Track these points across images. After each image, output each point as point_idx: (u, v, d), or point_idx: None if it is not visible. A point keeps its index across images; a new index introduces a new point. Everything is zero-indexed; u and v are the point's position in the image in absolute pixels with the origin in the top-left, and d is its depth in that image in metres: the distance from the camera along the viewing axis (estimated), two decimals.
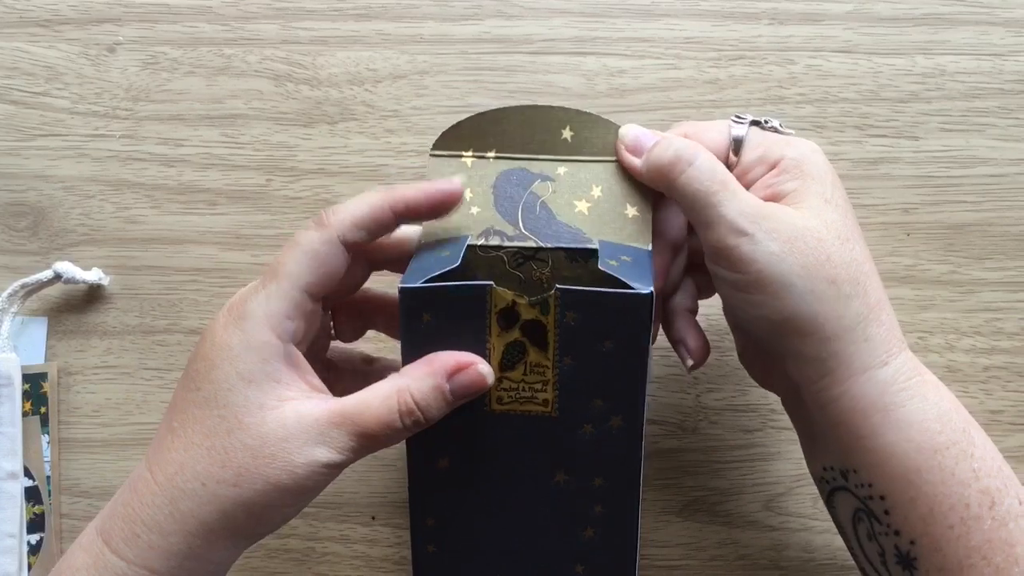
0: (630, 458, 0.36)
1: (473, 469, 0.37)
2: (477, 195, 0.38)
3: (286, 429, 0.33)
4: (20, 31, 0.51)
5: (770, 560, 0.49)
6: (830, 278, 0.34)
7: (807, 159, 0.36)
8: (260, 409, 0.33)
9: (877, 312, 0.35)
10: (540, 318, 0.35)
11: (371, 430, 0.33)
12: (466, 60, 0.51)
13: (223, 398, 0.33)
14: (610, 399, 0.35)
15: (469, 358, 0.34)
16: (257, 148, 0.51)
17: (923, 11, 0.51)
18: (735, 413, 0.49)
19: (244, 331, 0.33)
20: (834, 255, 0.34)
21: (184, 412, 0.34)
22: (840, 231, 0.35)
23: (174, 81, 0.51)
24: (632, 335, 0.34)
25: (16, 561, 0.48)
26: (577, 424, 0.36)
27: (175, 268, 0.50)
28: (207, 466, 0.33)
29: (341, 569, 0.49)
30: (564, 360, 0.35)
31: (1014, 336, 0.49)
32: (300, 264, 0.34)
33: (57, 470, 0.49)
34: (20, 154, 0.51)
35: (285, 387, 0.34)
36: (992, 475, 0.34)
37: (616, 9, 0.51)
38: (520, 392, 0.36)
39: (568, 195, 0.38)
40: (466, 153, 0.38)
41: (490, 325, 0.35)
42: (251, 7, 0.51)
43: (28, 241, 0.51)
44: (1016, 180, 0.50)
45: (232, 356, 0.33)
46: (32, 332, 0.50)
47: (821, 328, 0.35)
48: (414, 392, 0.34)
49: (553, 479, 0.37)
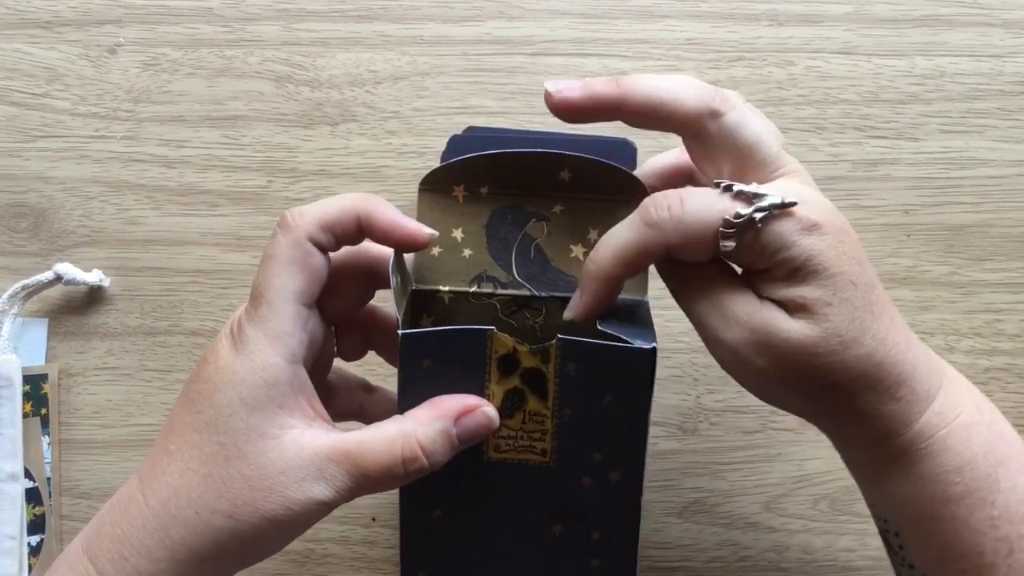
0: (628, 513, 0.36)
1: (468, 519, 0.36)
2: (469, 235, 0.37)
3: (285, 461, 0.32)
4: (21, 32, 0.51)
5: (770, 562, 0.49)
6: (829, 387, 0.32)
7: (806, 260, 0.31)
8: (261, 438, 0.32)
9: (895, 389, 0.32)
10: (540, 367, 0.34)
11: (371, 472, 0.32)
12: (467, 61, 0.51)
13: (224, 424, 0.32)
14: (610, 452, 0.35)
15: (475, 400, 0.34)
16: (258, 149, 0.51)
17: (922, 12, 0.51)
18: (735, 414, 0.49)
19: (248, 354, 0.32)
20: (833, 365, 0.31)
21: (182, 435, 0.33)
22: (844, 334, 0.31)
23: (175, 82, 0.51)
24: (633, 391, 0.34)
25: (16, 563, 0.48)
26: (575, 476, 0.35)
27: (176, 269, 0.50)
28: (202, 494, 0.32)
29: (341, 571, 0.49)
30: (564, 411, 0.34)
31: (1014, 338, 0.49)
32: (280, 276, 0.33)
33: (57, 471, 0.49)
34: (21, 155, 0.51)
35: (288, 413, 0.33)
36: (1016, 521, 0.33)
37: (617, 11, 0.51)
38: (518, 440, 0.35)
39: (564, 238, 0.37)
40: (458, 188, 0.36)
41: (490, 371, 0.34)
42: (252, 8, 0.51)
43: (29, 242, 0.51)
44: (1016, 181, 0.50)
45: (236, 380, 0.32)
46: (33, 333, 0.50)
47: (827, 423, 0.34)
48: (420, 438, 0.33)
49: (550, 531, 0.36)
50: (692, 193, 0.32)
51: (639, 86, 0.33)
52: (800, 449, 0.49)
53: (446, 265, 0.37)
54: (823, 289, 0.31)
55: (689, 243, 0.32)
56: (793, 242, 0.31)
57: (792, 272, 0.31)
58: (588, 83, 0.33)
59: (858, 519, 0.49)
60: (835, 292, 0.31)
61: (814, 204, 0.32)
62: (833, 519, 0.49)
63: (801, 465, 0.49)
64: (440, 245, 0.37)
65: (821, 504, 0.49)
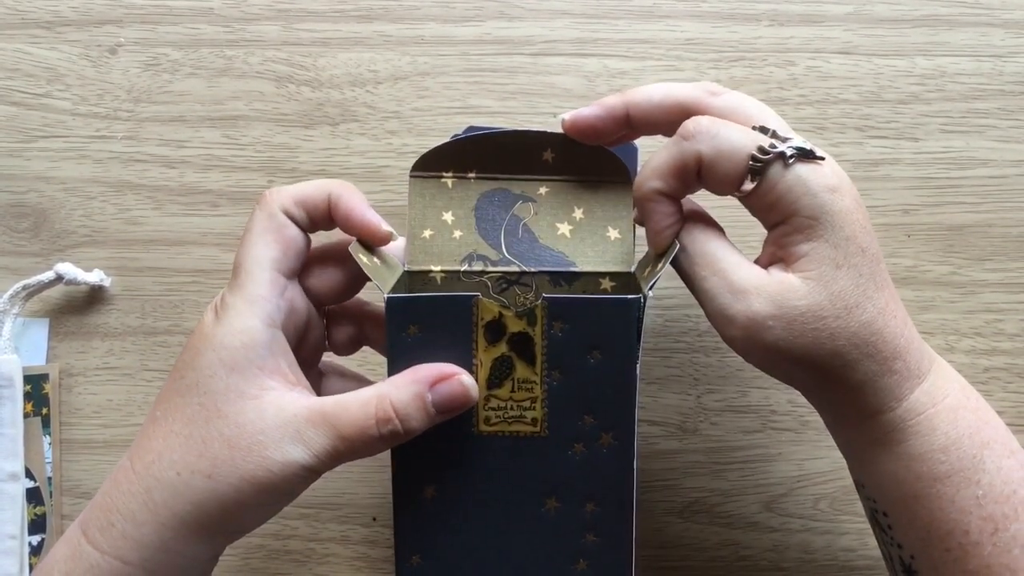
0: (622, 479, 0.36)
1: (461, 499, 0.36)
2: (459, 218, 0.38)
3: (264, 421, 0.32)
4: (21, 32, 0.51)
5: (770, 561, 0.49)
6: (833, 352, 0.33)
7: (824, 213, 0.32)
8: (240, 398, 0.33)
9: (891, 361, 0.33)
10: (527, 330, 0.34)
11: (347, 433, 0.33)
12: (467, 61, 0.51)
13: (204, 385, 0.33)
14: (600, 415, 0.35)
15: (452, 369, 0.34)
16: (258, 149, 0.51)
17: (923, 12, 0.51)
18: (735, 414, 0.49)
19: (227, 319, 0.33)
20: (838, 329, 0.33)
21: (168, 401, 0.34)
22: (849, 298, 0.33)
23: (175, 82, 0.51)
24: (620, 344, 0.34)
25: (17, 562, 0.48)
26: (567, 444, 0.36)
27: (176, 269, 0.50)
28: (183, 455, 0.33)
29: (342, 570, 0.49)
30: (552, 375, 0.35)
31: (1014, 337, 0.49)
32: (256, 246, 0.34)
33: (58, 471, 0.50)
34: (22, 155, 0.51)
35: (268, 375, 0.33)
36: (1000, 501, 0.33)
37: (617, 10, 0.51)
38: (508, 411, 0.35)
39: (550, 217, 0.38)
40: (447, 174, 0.38)
41: (477, 339, 0.35)
42: (252, 8, 0.51)
43: (29, 242, 0.51)
44: (1016, 181, 0.50)
45: (215, 344, 0.33)
46: (33, 333, 0.50)
47: (825, 395, 0.35)
48: (394, 400, 0.33)
49: (544, 506, 0.36)
50: (728, 121, 0.33)
51: (639, 89, 0.36)
52: (800, 449, 0.49)
53: (437, 247, 0.38)
54: (836, 250, 0.32)
55: (720, 160, 0.33)
56: (815, 192, 0.32)
57: (808, 224, 0.33)
58: (598, 105, 0.36)
59: (858, 519, 0.49)
60: (846, 255, 0.32)
61: (835, 167, 0.33)
62: (833, 519, 0.49)
63: (801, 465, 0.49)
64: (431, 228, 0.38)
65: (821, 504, 0.49)
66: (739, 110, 0.34)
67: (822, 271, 0.33)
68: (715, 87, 0.35)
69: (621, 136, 0.37)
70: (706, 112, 0.34)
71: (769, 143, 0.33)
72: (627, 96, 0.36)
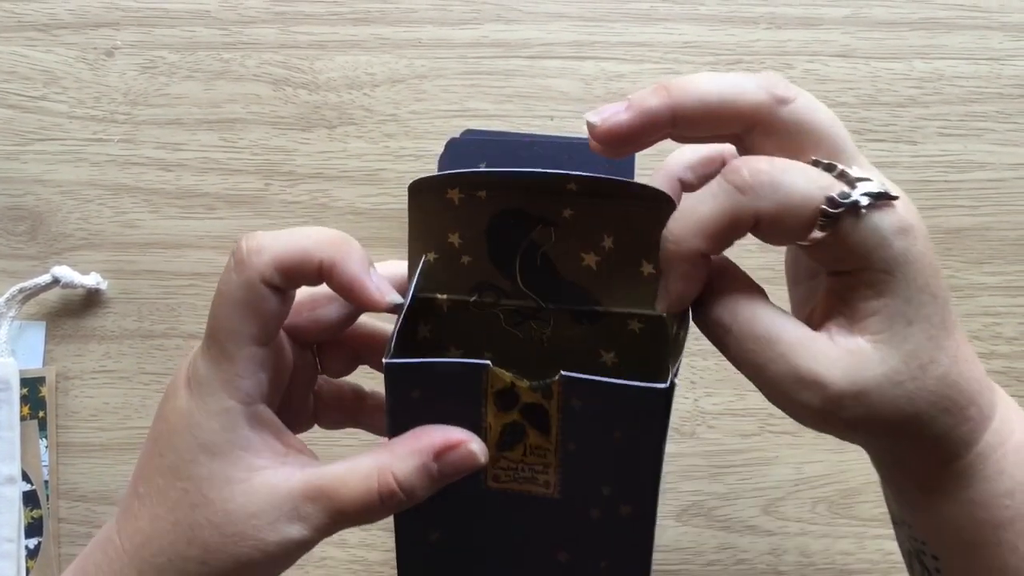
0: (640, 545, 0.33)
1: (466, 544, 0.34)
2: (468, 240, 0.32)
3: (256, 504, 0.30)
4: (18, 35, 0.51)
5: (768, 565, 0.49)
6: (911, 416, 0.29)
7: (898, 266, 0.28)
8: (227, 483, 0.30)
9: (966, 409, 0.30)
10: (542, 402, 0.31)
11: (347, 509, 0.30)
12: (464, 64, 0.51)
13: (185, 470, 0.31)
14: (619, 487, 0.32)
15: (459, 436, 0.31)
16: (255, 152, 0.51)
17: (921, 15, 0.51)
18: (733, 417, 0.49)
19: (202, 399, 0.31)
20: (915, 391, 0.29)
21: (149, 480, 0.32)
22: (923, 355, 0.29)
23: (172, 85, 0.51)
24: (645, 428, 0.30)
25: (14, 565, 0.48)
26: (583, 508, 0.32)
27: (173, 272, 0.50)
28: (173, 542, 0.31)
29: (339, 573, 0.49)
30: (568, 445, 0.31)
31: (1012, 340, 0.49)
32: (231, 319, 0.30)
33: (55, 474, 0.49)
34: (18, 158, 0.51)
35: (254, 454, 0.31)
36: None
37: (615, 13, 0.51)
38: (519, 472, 0.32)
39: (574, 244, 0.32)
40: (452, 191, 0.32)
41: (486, 405, 0.31)
42: (249, 11, 0.51)
43: (26, 245, 0.51)
44: (1014, 184, 0.50)
45: (192, 424, 0.31)
46: (30, 336, 0.50)
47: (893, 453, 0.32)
48: (396, 472, 0.31)
49: (554, 557, 0.34)
50: (789, 162, 0.28)
51: (691, 87, 0.29)
52: (798, 452, 0.49)
53: (443, 271, 0.33)
54: (909, 304, 0.28)
55: (784, 216, 0.27)
56: (889, 242, 0.28)
57: (881, 280, 0.28)
58: (634, 101, 0.29)
59: (856, 522, 0.49)
60: (918, 307, 0.28)
61: (906, 202, 0.29)
62: (831, 522, 0.49)
63: (799, 468, 0.49)
64: (435, 250, 0.33)
65: (819, 507, 0.49)
66: (808, 128, 0.29)
67: (894, 331, 0.28)
68: (782, 87, 0.29)
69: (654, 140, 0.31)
70: (771, 127, 0.29)
71: (840, 191, 0.27)
72: (673, 96, 0.29)
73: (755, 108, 0.29)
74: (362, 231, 0.50)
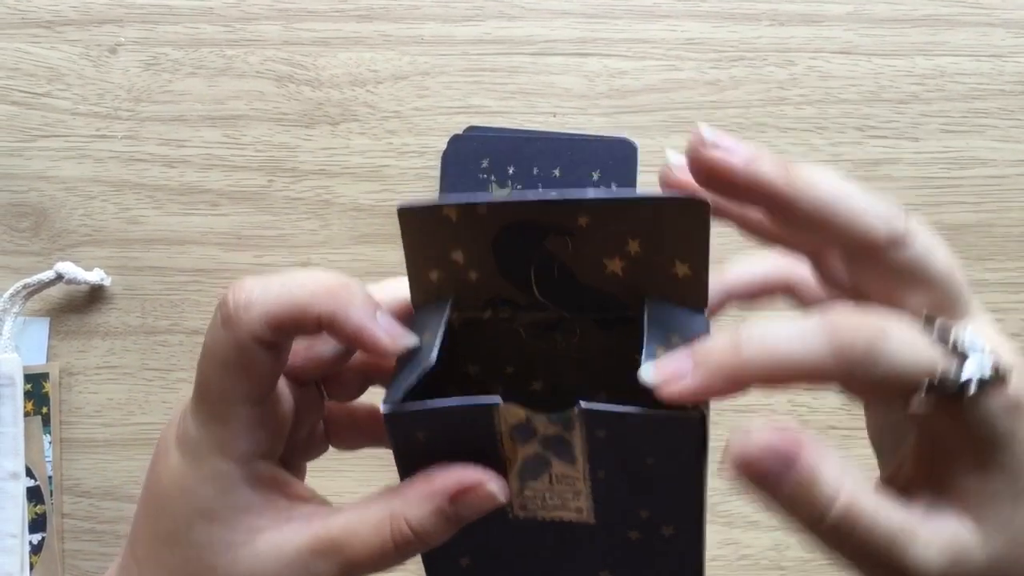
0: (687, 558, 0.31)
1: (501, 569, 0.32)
2: (473, 255, 0.29)
3: (263, 567, 0.29)
4: (22, 32, 0.51)
5: (771, 560, 0.49)
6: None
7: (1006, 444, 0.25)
8: (229, 548, 0.29)
9: None
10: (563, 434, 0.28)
11: (360, 560, 0.29)
12: (467, 61, 0.51)
13: (184, 538, 0.29)
14: (658, 511, 0.29)
15: (475, 476, 0.28)
16: (259, 149, 0.51)
17: (923, 12, 0.51)
18: (736, 413, 0.49)
19: (197, 460, 0.29)
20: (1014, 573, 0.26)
21: (147, 545, 0.30)
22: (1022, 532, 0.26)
23: (176, 82, 0.51)
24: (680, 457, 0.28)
25: (18, 561, 0.48)
26: (620, 531, 0.30)
27: (177, 269, 0.50)
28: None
29: None
30: (597, 473, 0.28)
31: (1015, 337, 0.49)
32: (222, 380, 0.28)
33: (59, 470, 0.50)
34: (22, 155, 0.51)
35: (256, 515, 0.29)
36: None
37: (617, 10, 0.51)
38: (547, 500, 0.30)
39: (595, 252, 0.29)
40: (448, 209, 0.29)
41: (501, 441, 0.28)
42: (252, 8, 0.51)
43: (30, 241, 0.51)
44: (1016, 181, 0.50)
45: (186, 489, 0.29)
46: (34, 332, 0.50)
47: None
48: (410, 518, 0.28)
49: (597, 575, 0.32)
50: (895, 328, 0.24)
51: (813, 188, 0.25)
52: None
53: (449, 290, 0.30)
54: (1015, 482, 0.26)
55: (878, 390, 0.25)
56: (996, 423, 0.25)
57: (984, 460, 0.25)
58: (754, 157, 0.25)
59: None
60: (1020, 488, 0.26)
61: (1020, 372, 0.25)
62: None
63: None
64: (437, 268, 0.30)
65: None
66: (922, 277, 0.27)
67: (997, 511, 0.26)
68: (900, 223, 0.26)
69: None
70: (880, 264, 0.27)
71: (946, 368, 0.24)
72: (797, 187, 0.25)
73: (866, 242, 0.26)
74: (365, 227, 0.50)
